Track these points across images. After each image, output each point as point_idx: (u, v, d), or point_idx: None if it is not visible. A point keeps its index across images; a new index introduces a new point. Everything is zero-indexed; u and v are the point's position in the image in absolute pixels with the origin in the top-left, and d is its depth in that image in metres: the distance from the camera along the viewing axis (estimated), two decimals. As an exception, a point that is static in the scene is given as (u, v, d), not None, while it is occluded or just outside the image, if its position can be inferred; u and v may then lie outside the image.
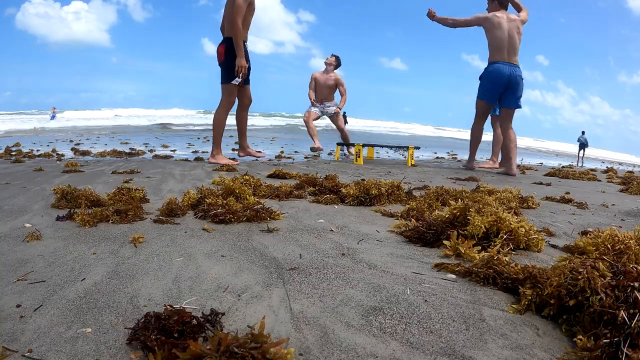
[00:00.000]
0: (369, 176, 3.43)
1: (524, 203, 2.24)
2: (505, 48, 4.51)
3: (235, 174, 3.15)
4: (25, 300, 0.90)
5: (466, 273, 1.08)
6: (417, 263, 1.20)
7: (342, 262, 1.19)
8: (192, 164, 4.24)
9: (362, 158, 5.20)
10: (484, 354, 0.73)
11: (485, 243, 1.32)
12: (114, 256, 1.21)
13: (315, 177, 2.72)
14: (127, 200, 1.86)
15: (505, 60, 4.52)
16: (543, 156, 12.84)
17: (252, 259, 1.21)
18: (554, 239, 1.57)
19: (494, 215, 1.36)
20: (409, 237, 1.44)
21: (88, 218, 1.54)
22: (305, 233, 1.51)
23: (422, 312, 0.87)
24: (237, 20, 3.83)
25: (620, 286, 0.78)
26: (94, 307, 0.88)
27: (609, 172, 5.61)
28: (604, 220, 2.01)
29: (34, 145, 7.49)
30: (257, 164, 4.38)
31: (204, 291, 0.97)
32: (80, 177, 2.96)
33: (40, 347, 0.72)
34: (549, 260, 1.26)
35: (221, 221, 1.61)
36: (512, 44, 4.50)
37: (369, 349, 0.74)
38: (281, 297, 0.94)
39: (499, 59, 4.52)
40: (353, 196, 2.11)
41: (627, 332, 0.70)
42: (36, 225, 1.52)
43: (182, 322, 0.74)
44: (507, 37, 4.49)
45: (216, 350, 0.61)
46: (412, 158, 5.35)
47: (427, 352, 0.73)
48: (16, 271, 1.07)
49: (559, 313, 0.85)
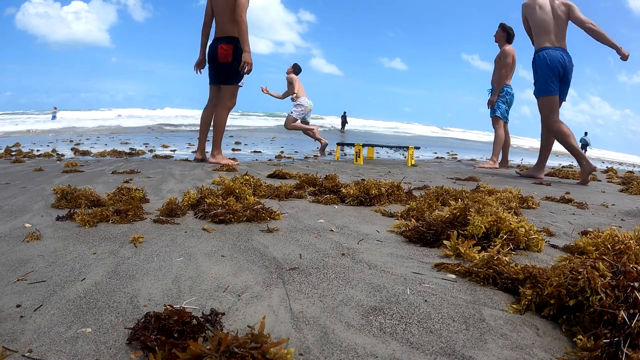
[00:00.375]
0: (369, 176, 3.43)
1: (524, 203, 2.24)
2: (551, 31, 3.94)
3: (235, 174, 3.15)
4: (25, 300, 0.90)
5: (466, 273, 1.08)
6: (417, 263, 1.20)
7: (342, 262, 1.19)
8: (192, 164, 4.24)
9: (362, 158, 5.20)
10: (484, 354, 0.73)
11: (485, 243, 1.32)
12: (114, 256, 1.21)
13: (315, 177, 2.72)
14: (127, 200, 1.86)
15: (554, 44, 3.95)
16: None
17: (252, 259, 1.21)
18: (554, 239, 1.57)
19: (494, 215, 1.36)
20: (409, 237, 1.44)
21: (88, 218, 1.54)
22: (305, 233, 1.51)
23: (422, 312, 0.87)
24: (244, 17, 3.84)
25: (620, 286, 0.78)
26: (94, 307, 0.88)
27: (609, 172, 5.61)
28: (604, 220, 2.01)
29: (33, 145, 7.49)
30: (257, 164, 4.38)
31: (204, 291, 0.97)
32: (80, 177, 2.96)
33: (40, 347, 0.72)
34: (549, 260, 1.26)
35: (221, 221, 1.61)
36: (560, 27, 3.94)
37: (369, 349, 0.74)
38: (281, 297, 0.94)
39: (547, 44, 3.95)
40: (353, 196, 2.11)
41: (627, 332, 0.70)
42: (36, 225, 1.52)
43: (182, 322, 0.74)
44: (553, 19, 3.93)
45: (216, 350, 0.61)
46: (412, 158, 5.35)
47: (427, 352, 0.73)
48: (16, 271, 1.07)
49: (559, 313, 0.85)
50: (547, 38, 3.94)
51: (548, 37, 3.94)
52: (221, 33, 4.03)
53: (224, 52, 3.96)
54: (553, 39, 3.94)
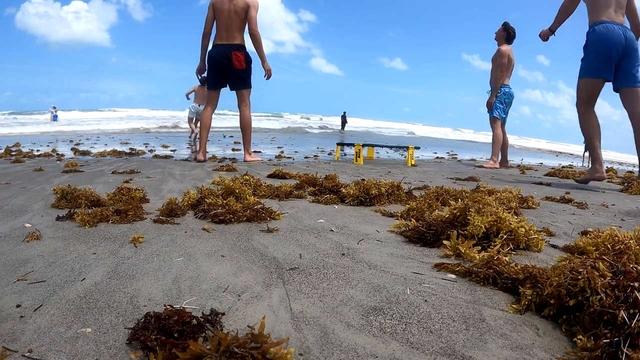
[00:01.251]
0: (369, 176, 3.43)
1: (524, 203, 2.24)
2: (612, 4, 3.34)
3: (235, 174, 3.15)
4: (25, 300, 0.90)
5: (466, 273, 1.08)
6: (417, 263, 1.20)
7: (342, 262, 1.19)
8: (192, 164, 4.24)
9: (362, 158, 5.20)
10: (484, 354, 0.73)
11: (485, 243, 1.32)
12: (114, 256, 1.21)
13: (315, 177, 2.72)
14: (127, 200, 1.86)
15: (613, 19, 3.33)
16: (543, 156, 12.84)
17: (252, 259, 1.21)
18: (554, 239, 1.57)
19: (494, 215, 1.36)
20: (409, 237, 1.44)
21: (88, 218, 1.54)
22: (305, 233, 1.51)
23: (422, 312, 0.87)
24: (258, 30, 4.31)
25: (620, 286, 0.78)
26: (94, 307, 0.88)
27: (609, 172, 5.60)
28: (604, 220, 2.01)
29: (33, 145, 7.49)
30: (257, 164, 4.38)
31: (204, 291, 0.97)
32: (80, 177, 2.96)
33: (40, 347, 0.72)
34: (549, 260, 1.26)
35: (221, 221, 1.61)
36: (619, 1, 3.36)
37: (369, 349, 0.74)
38: (281, 297, 0.94)
39: (604, 19, 3.31)
40: (353, 196, 2.11)
41: (627, 332, 0.70)
42: (36, 225, 1.52)
43: (182, 322, 0.74)
44: None
45: (216, 350, 0.61)
46: (412, 158, 5.35)
47: (427, 352, 0.73)
48: (16, 271, 1.07)
49: (559, 313, 0.85)
50: (605, 13, 3.34)
51: (607, 11, 3.34)
52: (230, 40, 4.32)
53: (238, 59, 4.29)
54: (612, 13, 3.34)
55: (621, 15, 3.39)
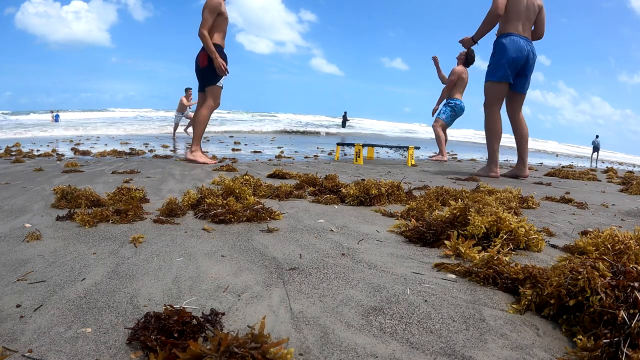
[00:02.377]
0: (369, 176, 3.43)
1: (524, 203, 2.24)
2: (522, 19, 3.82)
3: (235, 174, 3.15)
4: (25, 300, 0.90)
5: (466, 273, 1.08)
6: (417, 263, 1.20)
7: (342, 262, 1.19)
8: (192, 164, 4.24)
9: (362, 158, 5.20)
10: (484, 354, 0.73)
11: (485, 243, 1.32)
12: (114, 256, 1.21)
13: (315, 177, 2.72)
14: (127, 200, 1.86)
15: (520, 33, 3.83)
16: (543, 156, 12.83)
17: (252, 259, 1.21)
18: (554, 239, 1.57)
19: (494, 215, 1.36)
20: (409, 237, 1.44)
21: (88, 218, 1.54)
22: (305, 233, 1.51)
23: (422, 312, 0.87)
24: (203, 32, 4.22)
25: (620, 286, 0.78)
26: (94, 307, 0.87)
27: (609, 172, 5.61)
28: (604, 220, 2.01)
29: (33, 146, 7.49)
30: (257, 164, 4.38)
31: (204, 291, 0.97)
32: (80, 177, 2.96)
33: (40, 347, 0.72)
34: (549, 260, 1.26)
35: (221, 221, 1.61)
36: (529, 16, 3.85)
37: (369, 349, 0.74)
38: (281, 297, 0.94)
39: (513, 31, 3.82)
40: (353, 196, 2.11)
41: (627, 332, 0.70)
42: (36, 225, 1.52)
43: (182, 322, 0.74)
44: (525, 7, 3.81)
45: (216, 350, 0.61)
46: (412, 158, 5.35)
47: (427, 352, 0.73)
48: (16, 271, 1.07)
49: (559, 313, 0.85)
50: (514, 26, 3.82)
51: (516, 25, 3.82)
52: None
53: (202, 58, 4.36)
54: (520, 28, 3.84)
55: (528, 29, 3.91)
